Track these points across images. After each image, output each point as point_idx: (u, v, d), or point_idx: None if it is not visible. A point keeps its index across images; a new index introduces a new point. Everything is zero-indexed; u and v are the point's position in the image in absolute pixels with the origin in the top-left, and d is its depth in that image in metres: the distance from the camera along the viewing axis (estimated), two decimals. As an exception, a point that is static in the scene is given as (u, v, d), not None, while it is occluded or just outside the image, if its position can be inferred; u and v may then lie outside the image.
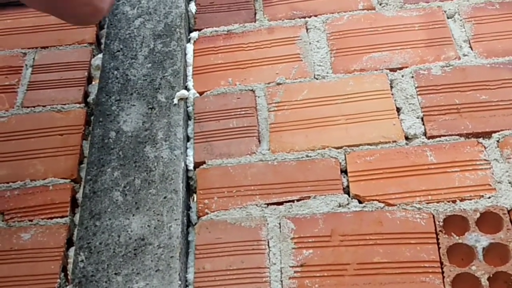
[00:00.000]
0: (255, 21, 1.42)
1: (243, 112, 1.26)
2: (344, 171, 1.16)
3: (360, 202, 1.11)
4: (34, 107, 1.33)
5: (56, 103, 1.33)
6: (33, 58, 1.42)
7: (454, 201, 1.08)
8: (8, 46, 1.45)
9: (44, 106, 1.33)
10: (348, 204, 1.11)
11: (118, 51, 1.35)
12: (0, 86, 1.38)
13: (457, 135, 1.17)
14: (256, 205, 1.14)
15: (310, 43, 1.35)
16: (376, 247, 1.06)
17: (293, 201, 1.13)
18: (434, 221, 1.07)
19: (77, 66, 1.39)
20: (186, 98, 1.28)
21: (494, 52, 1.27)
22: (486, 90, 1.21)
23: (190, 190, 1.20)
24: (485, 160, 1.13)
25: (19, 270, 1.11)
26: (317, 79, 1.29)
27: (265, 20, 1.42)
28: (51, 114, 1.32)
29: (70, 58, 1.41)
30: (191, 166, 1.20)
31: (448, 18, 1.34)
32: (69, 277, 1.10)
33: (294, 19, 1.41)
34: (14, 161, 1.25)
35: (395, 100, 1.23)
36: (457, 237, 1.05)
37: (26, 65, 1.41)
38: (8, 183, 1.22)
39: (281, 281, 1.05)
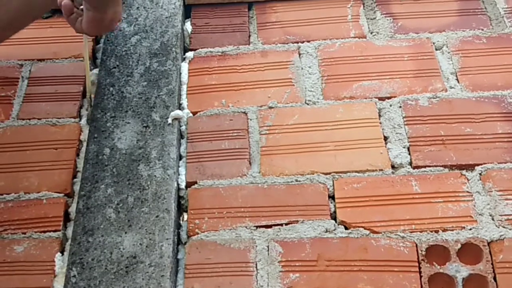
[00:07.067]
0: (249, 44, 1.46)
1: (235, 134, 1.29)
2: (332, 197, 1.19)
3: (346, 228, 1.15)
4: (29, 119, 1.35)
5: (51, 116, 1.35)
6: (29, 70, 1.43)
7: (436, 231, 1.12)
8: (5, 57, 1.46)
9: (39, 119, 1.35)
10: (334, 229, 1.15)
11: (114, 67, 1.38)
12: (-3, 97, 1.40)
13: (442, 166, 1.21)
14: (246, 227, 1.17)
15: (302, 68, 1.38)
16: (360, 273, 1.09)
17: (281, 224, 1.16)
18: (417, 250, 1.11)
19: (72, 80, 1.41)
20: (180, 118, 1.30)
21: (479, 86, 1.32)
22: (470, 123, 1.25)
23: (180, 208, 1.23)
24: (467, 192, 1.17)
25: (11, 282, 1.13)
26: (308, 104, 1.32)
27: (259, 43, 1.45)
28: (46, 128, 1.33)
29: (66, 72, 1.43)
30: (183, 185, 1.23)
31: (436, 49, 1.39)
32: (60, 291, 1.12)
33: (287, 43, 1.44)
34: (8, 173, 1.27)
35: (383, 129, 1.27)
36: (439, 267, 1.09)
37: (23, 77, 1.42)
38: (2, 195, 1.23)
39: (268, 303, 1.08)
